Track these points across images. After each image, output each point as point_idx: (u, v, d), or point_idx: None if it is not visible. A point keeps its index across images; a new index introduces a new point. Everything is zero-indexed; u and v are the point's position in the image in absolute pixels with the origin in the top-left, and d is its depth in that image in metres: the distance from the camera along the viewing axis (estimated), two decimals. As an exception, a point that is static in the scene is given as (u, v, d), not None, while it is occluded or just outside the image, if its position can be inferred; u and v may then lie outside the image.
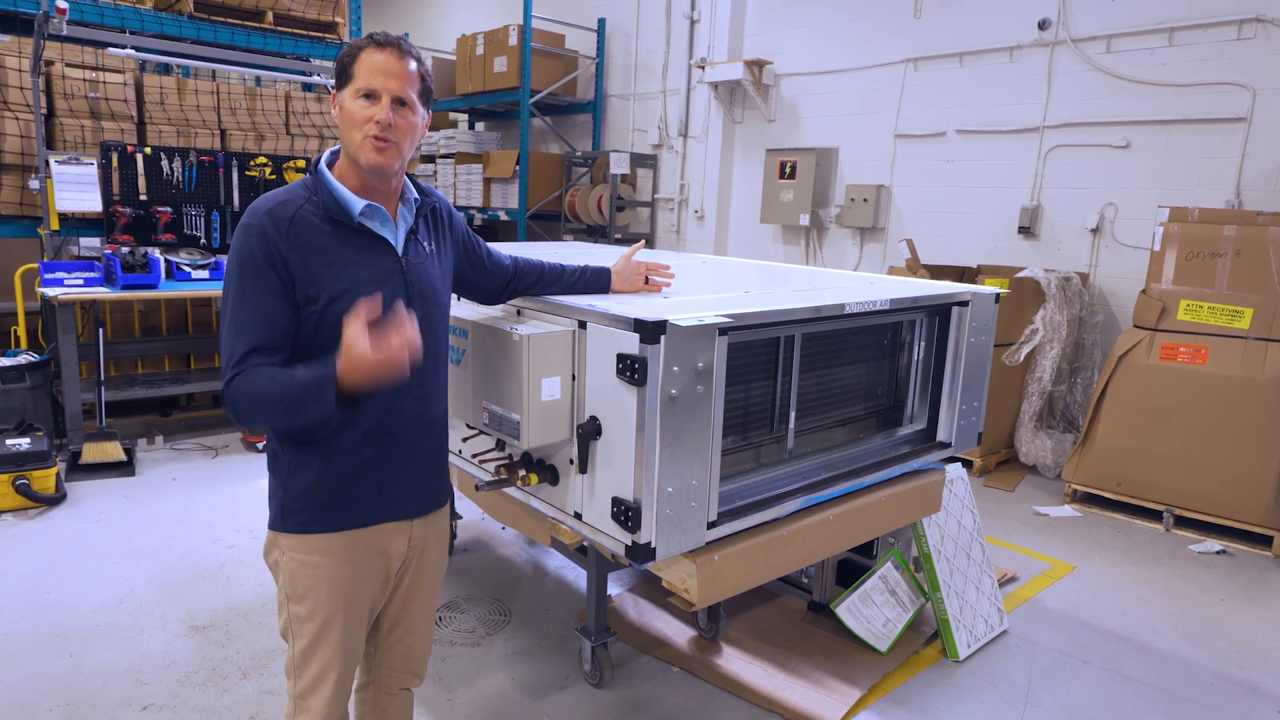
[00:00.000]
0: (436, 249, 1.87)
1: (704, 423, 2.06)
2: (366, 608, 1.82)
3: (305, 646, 1.78)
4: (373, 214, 1.71)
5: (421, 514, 1.87)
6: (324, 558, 1.74)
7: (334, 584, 1.75)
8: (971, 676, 3.07)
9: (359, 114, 1.63)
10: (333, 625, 1.76)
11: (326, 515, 1.73)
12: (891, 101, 6.67)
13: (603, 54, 8.88)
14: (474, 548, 4.00)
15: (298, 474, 1.72)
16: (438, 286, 1.84)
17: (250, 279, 1.61)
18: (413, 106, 1.68)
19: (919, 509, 2.91)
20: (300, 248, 1.62)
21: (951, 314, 2.83)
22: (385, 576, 1.84)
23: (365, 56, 1.64)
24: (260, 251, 1.60)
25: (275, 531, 1.77)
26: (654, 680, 2.96)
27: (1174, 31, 5.23)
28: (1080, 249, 5.77)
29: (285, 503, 1.74)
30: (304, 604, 1.76)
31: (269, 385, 1.57)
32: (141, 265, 5.05)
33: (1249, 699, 3.02)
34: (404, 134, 1.67)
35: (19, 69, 5.45)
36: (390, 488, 1.78)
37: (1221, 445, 4.47)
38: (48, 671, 2.88)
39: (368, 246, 1.71)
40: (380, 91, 1.63)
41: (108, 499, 4.45)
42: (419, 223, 1.82)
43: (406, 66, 1.66)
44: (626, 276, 2.40)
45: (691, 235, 8.23)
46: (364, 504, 1.75)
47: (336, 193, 1.68)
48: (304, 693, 1.81)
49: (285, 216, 1.63)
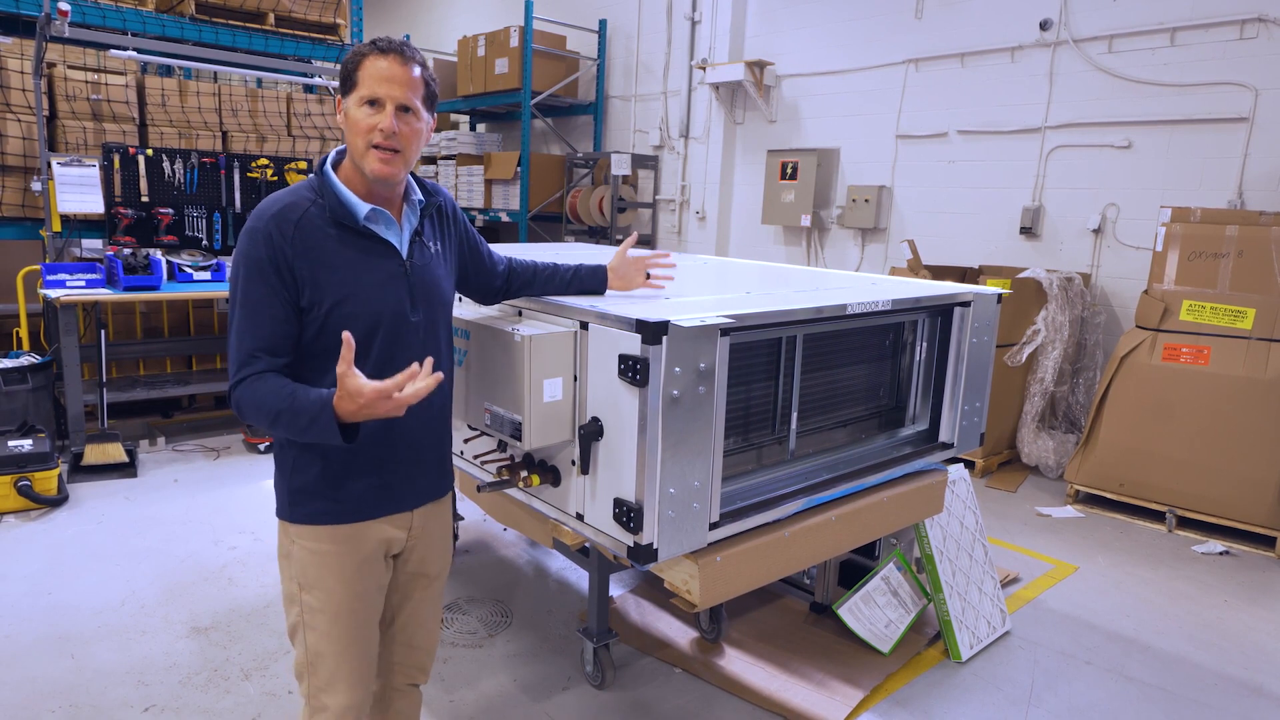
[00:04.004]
0: (442, 248, 1.88)
1: (706, 423, 2.06)
2: (376, 600, 1.83)
3: (316, 641, 1.78)
4: (377, 218, 1.71)
5: (422, 504, 1.89)
6: (334, 546, 1.76)
7: (344, 575, 1.76)
8: (974, 678, 3.07)
9: (363, 122, 1.64)
10: (343, 616, 1.77)
11: (332, 509, 1.75)
12: (893, 102, 6.66)
13: (604, 55, 8.88)
14: (476, 549, 4.00)
15: (301, 470, 1.74)
16: (443, 286, 1.85)
17: (256, 284, 1.62)
18: (417, 113, 1.68)
19: (921, 510, 2.91)
20: (306, 252, 1.63)
21: (953, 315, 2.82)
22: (387, 568, 1.86)
23: (369, 64, 1.64)
24: (266, 257, 1.61)
25: (285, 521, 1.79)
26: (656, 681, 2.96)
27: (1176, 31, 5.22)
28: (1082, 249, 5.76)
29: (292, 492, 1.76)
30: (314, 594, 1.77)
31: (271, 399, 1.59)
32: (143, 267, 5.06)
33: (1252, 700, 3.01)
34: (409, 141, 1.67)
35: (21, 71, 5.46)
36: (392, 483, 1.80)
37: (1224, 446, 4.46)
38: (49, 673, 2.88)
39: (372, 250, 1.71)
40: (384, 99, 1.63)
41: (109, 500, 4.45)
42: (424, 223, 1.83)
43: (410, 73, 1.66)
44: (623, 273, 2.36)
45: (693, 236, 8.23)
46: (368, 499, 1.77)
47: (342, 196, 1.68)
48: (319, 690, 1.80)
49: (291, 220, 1.64)
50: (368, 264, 1.70)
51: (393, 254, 1.74)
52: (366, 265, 1.69)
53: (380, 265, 1.71)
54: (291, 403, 1.58)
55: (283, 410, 1.58)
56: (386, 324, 1.70)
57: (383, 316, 1.70)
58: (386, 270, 1.72)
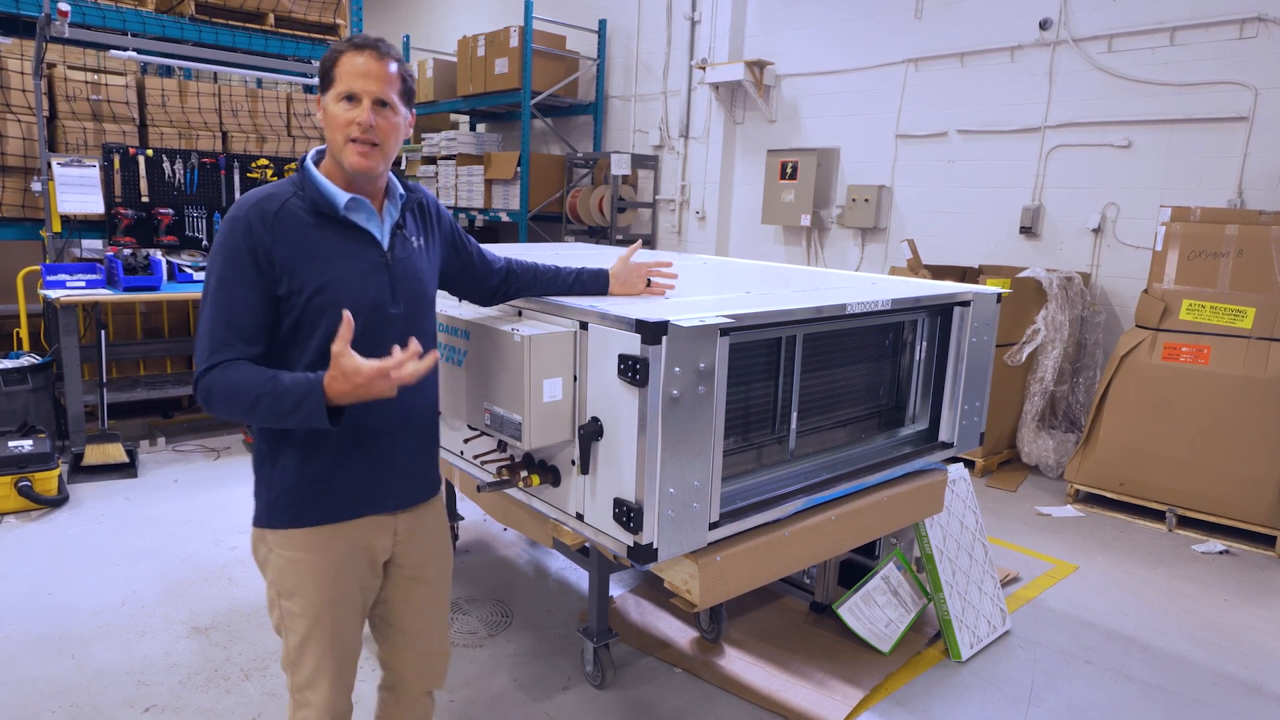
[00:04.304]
0: (424, 244, 1.88)
1: (706, 423, 2.06)
2: (357, 602, 1.83)
3: (298, 642, 1.80)
4: (358, 207, 1.72)
5: (405, 507, 1.87)
6: (309, 554, 1.75)
7: (321, 580, 1.76)
8: (974, 677, 3.07)
9: (341, 117, 1.65)
10: (323, 620, 1.77)
11: (308, 510, 1.74)
12: (892, 102, 6.66)
13: (604, 55, 8.88)
14: (476, 549, 4.00)
15: (279, 471, 1.74)
16: (424, 281, 1.85)
17: (232, 270, 1.63)
18: (394, 107, 1.70)
19: (921, 509, 2.91)
20: (285, 240, 1.64)
21: (953, 314, 2.82)
22: (372, 570, 1.85)
23: (345, 60, 1.66)
24: (244, 245, 1.62)
25: (260, 528, 1.79)
26: (656, 681, 2.96)
27: (1175, 31, 5.22)
28: (1082, 249, 5.76)
29: (269, 500, 1.76)
30: (294, 600, 1.77)
31: (248, 384, 1.58)
32: (143, 267, 5.06)
33: (1252, 699, 3.02)
34: (387, 135, 1.69)
35: (21, 71, 5.46)
36: (370, 482, 1.79)
37: (1224, 445, 4.46)
38: (50, 673, 2.89)
39: (353, 240, 1.72)
40: (361, 94, 1.65)
41: (110, 501, 4.46)
42: (405, 217, 1.84)
43: (386, 68, 1.67)
44: (624, 279, 2.36)
45: (692, 236, 8.23)
46: (344, 499, 1.77)
47: (322, 187, 1.70)
48: (301, 686, 1.82)
49: (271, 210, 1.65)
50: (348, 253, 1.70)
51: (374, 244, 1.75)
52: (347, 254, 1.70)
53: (361, 255, 1.72)
54: (274, 385, 1.57)
55: (264, 394, 1.57)
56: (366, 314, 1.70)
57: (362, 305, 1.69)
58: (368, 260, 1.73)
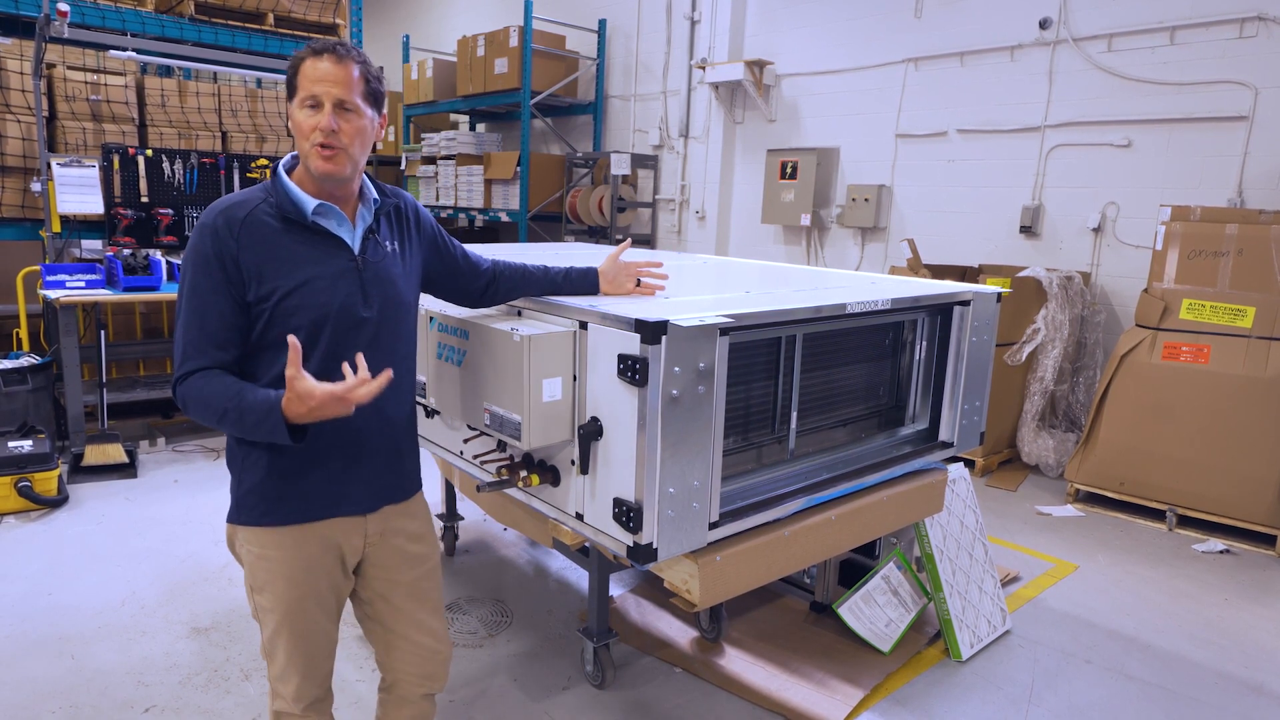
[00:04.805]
0: (400, 249, 1.87)
1: (705, 423, 2.06)
2: (328, 599, 1.84)
3: (270, 635, 1.83)
4: (327, 213, 1.73)
5: (374, 509, 1.87)
6: (279, 551, 1.77)
7: (290, 577, 1.78)
8: (974, 677, 3.07)
9: (305, 123, 1.66)
10: (292, 615, 1.80)
11: (278, 509, 1.76)
12: (892, 101, 6.66)
13: (603, 55, 8.88)
14: (475, 549, 4.00)
15: (249, 469, 1.76)
16: (399, 285, 1.84)
17: (202, 277, 1.65)
18: (358, 110, 1.69)
19: (921, 509, 2.91)
20: (251, 247, 1.65)
21: (953, 313, 2.82)
22: (343, 569, 1.86)
23: (307, 66, 1.66)
24: (212, 251, 1.64)
25: (232, 524, 1.81)
26: (656, 681, 2.96)
27: (1175, 30, 5.22)
28: (1082, 248, 5.76)
29: (240, 497, 1.78)
30: (264, 595, 1.80)
31: (217, 398, 1.61)
32: (143, 267, 5.06)
33: (1253, 699, 3.01)
34: (351, 138, 1.68)
35: (20, 71, 5.46)
36: (340, 483, 1.80)
37: (1224, 444, 4.46)
38: (50, 673, 2.89)
39: (322, 245, 1.72)
40: (322, 98, 1.65)
41: (109, 501, 4.45)
42: (379, 222, 1.83)
43: (347, 71, 1.67)
44: (613, 278, 2.34)
45: (692, 236, 8.23)
46: (314, 499, 1.78)
47: (290, 193, 1.70)
48: (276, 678, 1.87)
49: (239, 217, 1.66)
50: (316, 258, 1.71)
51: (344, 249, 1.74)
52: (315, 259, 1.70)
53: (330, 260, 1.72)
54: (239, 402, 1.59)
55: (229, 409, 1.60)
56: (335, 318, 1.70)
57: (330, 310, 1.69)
58: (337, 265, 1.73)
